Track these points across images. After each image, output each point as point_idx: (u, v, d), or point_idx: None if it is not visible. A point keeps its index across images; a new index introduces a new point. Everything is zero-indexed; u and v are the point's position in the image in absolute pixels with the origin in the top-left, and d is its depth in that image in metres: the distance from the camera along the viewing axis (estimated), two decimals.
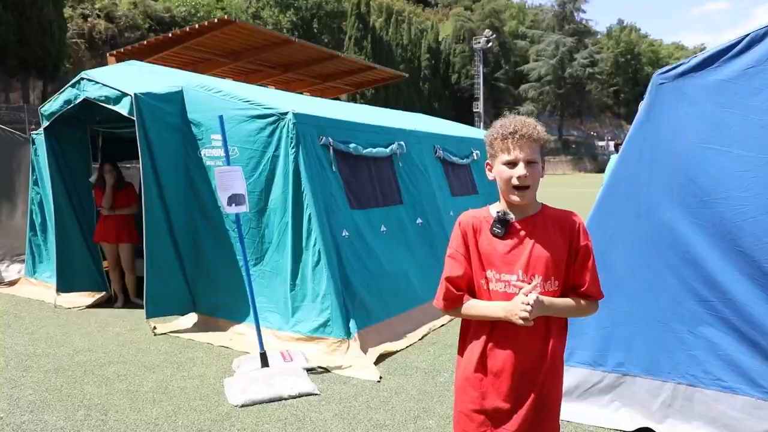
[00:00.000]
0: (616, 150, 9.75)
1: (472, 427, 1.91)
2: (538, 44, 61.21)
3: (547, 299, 1.79)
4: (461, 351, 1.97)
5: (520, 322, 1.73)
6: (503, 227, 1.82)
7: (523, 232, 1.83)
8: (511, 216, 1.84)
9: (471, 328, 1.94)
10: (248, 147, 4.79)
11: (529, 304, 1.71)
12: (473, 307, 1.86)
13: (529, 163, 1.77)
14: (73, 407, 3.57)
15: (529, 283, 1.78)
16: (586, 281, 1.84)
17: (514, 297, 1.78)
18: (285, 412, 3.49)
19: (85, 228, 6.21)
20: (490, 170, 1.88)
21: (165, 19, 38.24)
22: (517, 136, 1.76)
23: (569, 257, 1.84)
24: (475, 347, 1.90)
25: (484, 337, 1.88)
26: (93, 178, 6.25)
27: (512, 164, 1.78)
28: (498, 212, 1.84)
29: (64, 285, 5.99)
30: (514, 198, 1.80)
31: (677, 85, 3.03)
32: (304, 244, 4.58)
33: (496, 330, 1.85)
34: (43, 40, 24.36)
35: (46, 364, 4.37)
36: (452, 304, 1.88)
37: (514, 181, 1.77)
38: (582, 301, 1.86)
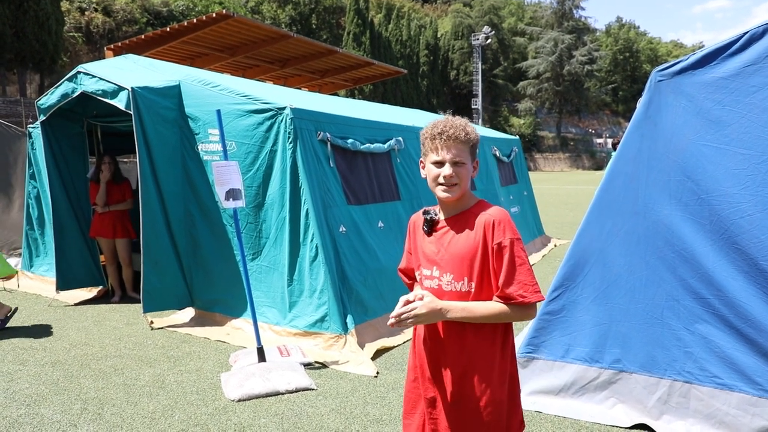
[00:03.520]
0: (615, 149, 9.75)
1: (407, 409, 2.00)
2: (536, 41, 61.13)
3: (449, 304, 1.73)
4: None
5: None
6: (428, 226, 1.88)
7: (443, 231, 1.85)
8: (433, 215, 1.88)
9: None
10: (246, 142, 4.78)
11: (406, 311, 1.70)
12: None
13: (455, 164, 1.77)
14: (70, 401, 3.57)
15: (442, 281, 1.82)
16: (502, 283, 1.71)
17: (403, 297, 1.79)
18: (282, 406, 3.50)
19: (82, 222, 6.19)
20: (423, 168, 1.89)
21: (163, 13, 38.13)
22: (444, 137, 1.77)
23: (484, 257, 1.75)
24: (415, 335, 2.00)
25: (417, 327, 1.97)
26: (90, 174, 6.23)
27: (440, 164, 1.79)
28: (424, 211, 1.90)
29: (64, 283, 5.97)
30: (441, 194, 1.81)
31: (675, 83, 3.03)
32: (301, 239, 4.58)
33: None
34: (40, 33, 24.25)
35: (43, 357, 4.36)
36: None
37: (440, 180, 1.78)
38: (504, 306, 1.72)
